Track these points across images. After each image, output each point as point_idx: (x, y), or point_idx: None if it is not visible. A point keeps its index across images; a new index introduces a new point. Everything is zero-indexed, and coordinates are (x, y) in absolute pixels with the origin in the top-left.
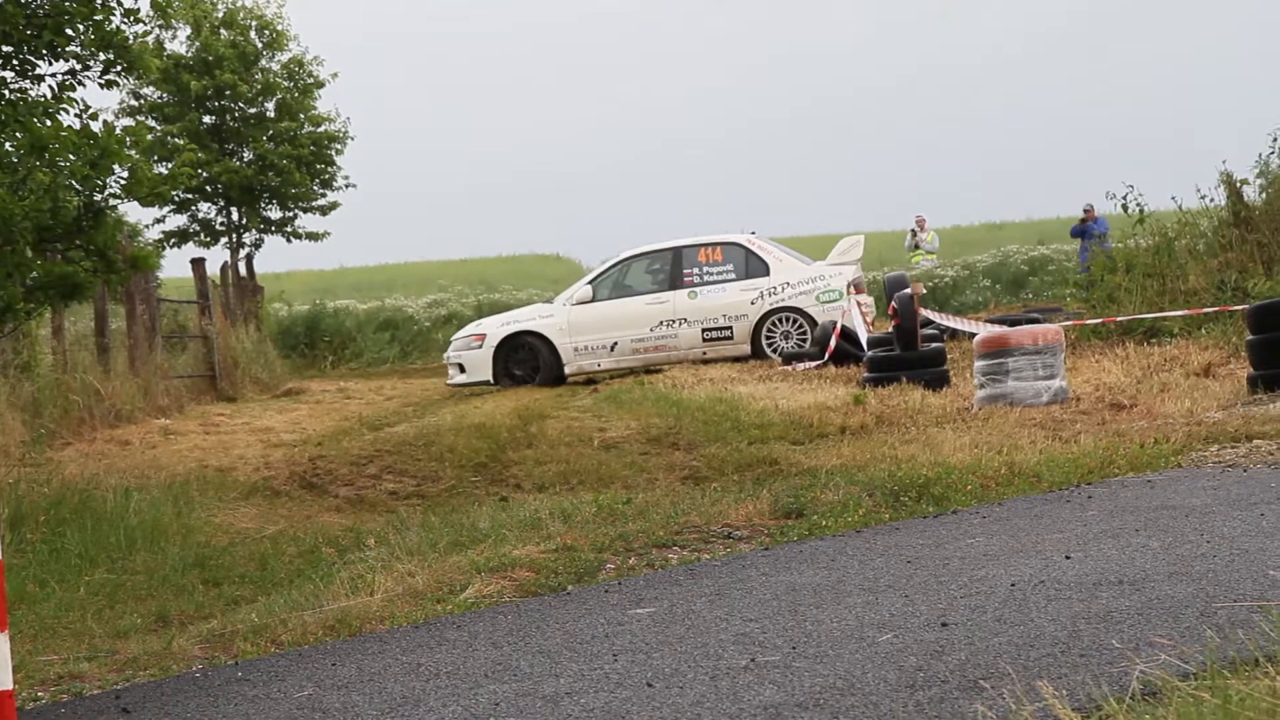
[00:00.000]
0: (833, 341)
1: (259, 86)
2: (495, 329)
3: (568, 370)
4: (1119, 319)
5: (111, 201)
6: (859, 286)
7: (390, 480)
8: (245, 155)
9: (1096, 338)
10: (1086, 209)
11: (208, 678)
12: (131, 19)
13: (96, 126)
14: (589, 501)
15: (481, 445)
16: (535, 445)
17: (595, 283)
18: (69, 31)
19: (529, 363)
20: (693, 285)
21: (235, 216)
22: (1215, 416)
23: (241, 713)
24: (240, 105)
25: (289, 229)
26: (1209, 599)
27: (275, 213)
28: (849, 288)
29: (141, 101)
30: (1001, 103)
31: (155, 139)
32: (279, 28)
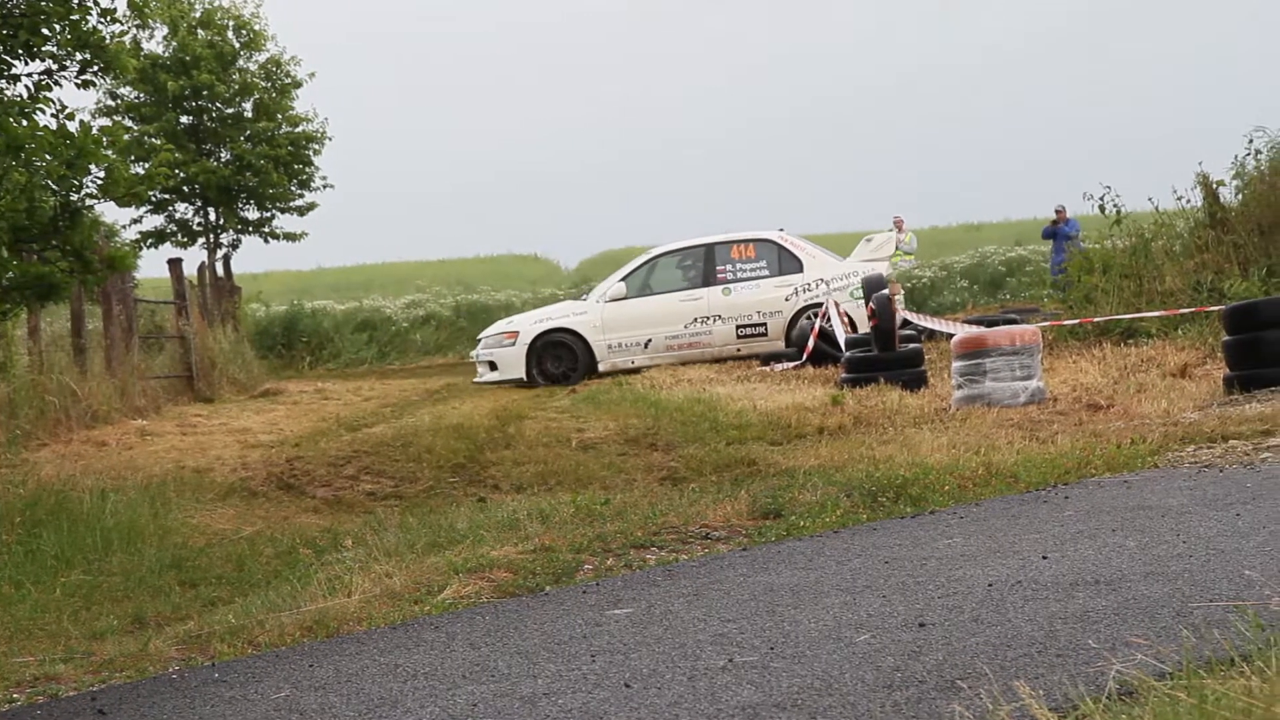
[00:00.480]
0: (811, 342)
1: (236, 86)
2: (528, 326)
3: (602, 368)
4: (1096, 320)
5: (88, 202)
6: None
7: (368, 481)
8: (222, 155)
9: (1074, 338)
10: (1058, 210)
11: (184, 679)
12: (108, 19)
13: (73, 126)
14: (567, 502)
15: (459, 446)
16: (513, 446)
17: (628, 279)
18: (45, 31)
19: (564, 360)
20: (726, 282)
21: (212, 217)
22: (1191, 417)
23: (218, 714)
24: (217, 105)
25: (266, 229)
26: (1185, 599)
27: (253, 213)
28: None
29: (118, 101)
30: (981, 106)
31: (132, 139)
32: (256, 27)
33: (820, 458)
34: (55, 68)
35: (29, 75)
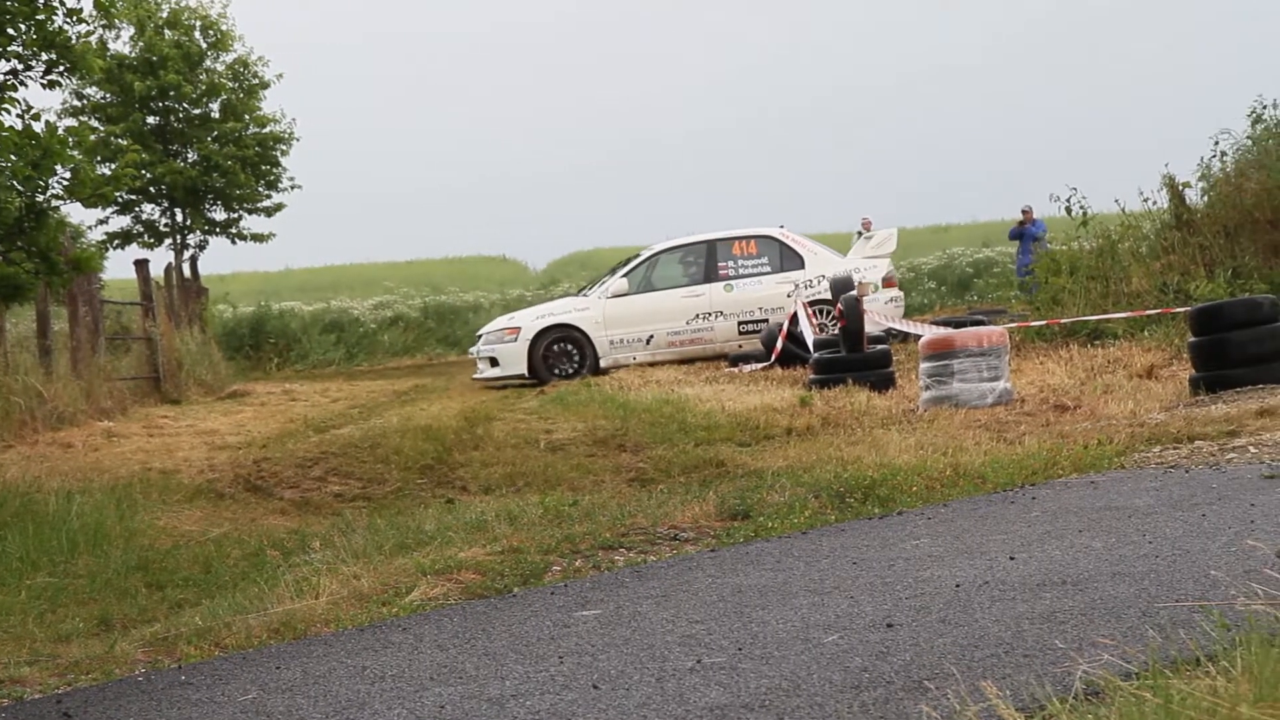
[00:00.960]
0: (779, 343)
1: (203, 87)
2: (530, 322)
3: (604, 363)
4: (1063, 321)
5: (54, 202)
6: (890, 280)
7: (336, 482)
8: (189, 156)
9: (1041, 339)
10: (1025, 210)
11: (150, 681)
12: (74, 19)
13: (39, 127)
14: (535, 503)
15: (428, 447)
16: (482, 447)
17: (630, 275)
18: (10, 31)
19: (566, 356)
20: (728, 278)
21: (179, 218)
22: (1158, 418)
23: (185, 716)
24: (184, 106)
25: (234, 230)
26: (1151, 599)
27: (220, 214)
28: (882, 281)
29: (84, 102)
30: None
31: (98, 139)
32: (223, 28)
33: (788, 459)
34: (20, 68)
35: None
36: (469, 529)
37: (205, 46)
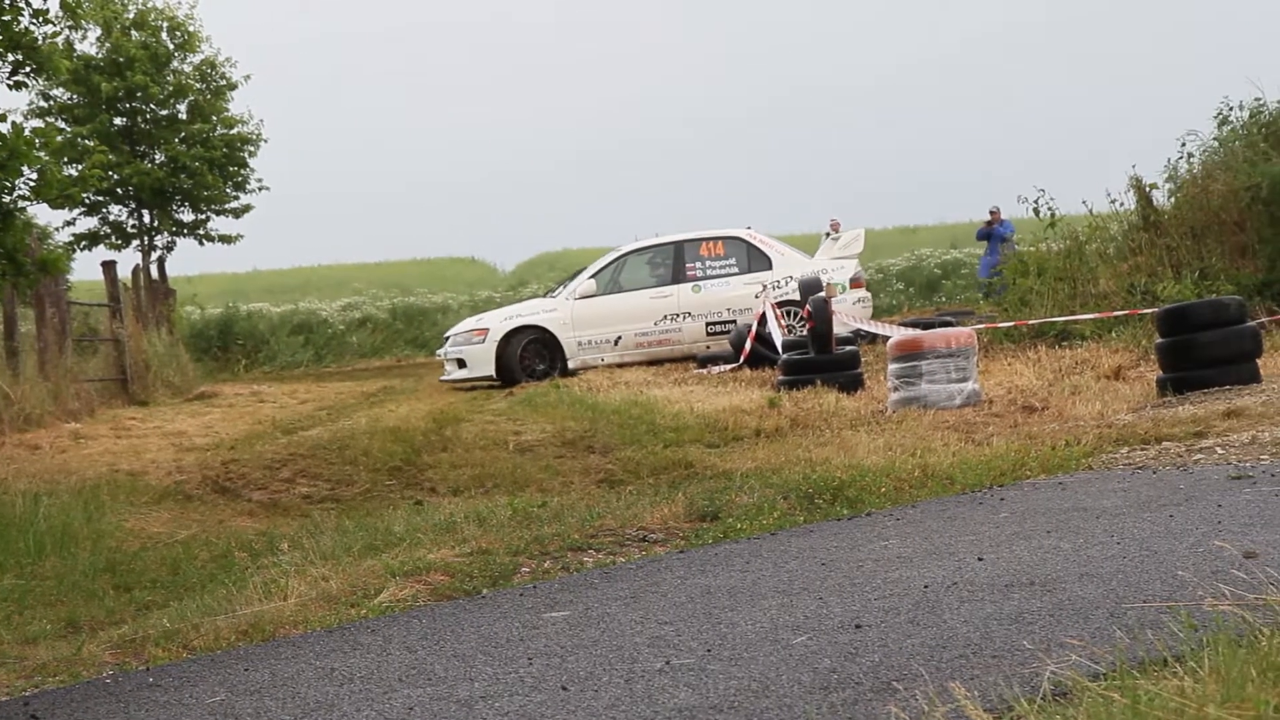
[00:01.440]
0: (748, 344)
1: (171, 88)
2: (498, 324)
3: (572, 365)
4: (1031, 322)
5: (20, 204)
6: (858, 281)
7: (304, 484)
8: (157, 157)
9: (1009, 341)
10: (992, 211)
11: (118, 683)
12: (41, 19)
13: (5, 128)
14: (504, 505)
15: (396, 449)
16: (450, 449)
17: (597, 276)
18: None
19: (534, 357)
20: (696, 279)
21: (147, 219)
22: (1125, 419)
23: (153, 718)
24: (152, 107)
25: (201, 232)
26: (1119, 600)
27: (187, 215)
28: (850, 282)
29: (51, 103)
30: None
31: (65, 141)
32: (191, 29)
33: (757, 460)
34: None
35: None
36: (438, 530)
37: (172, 47)
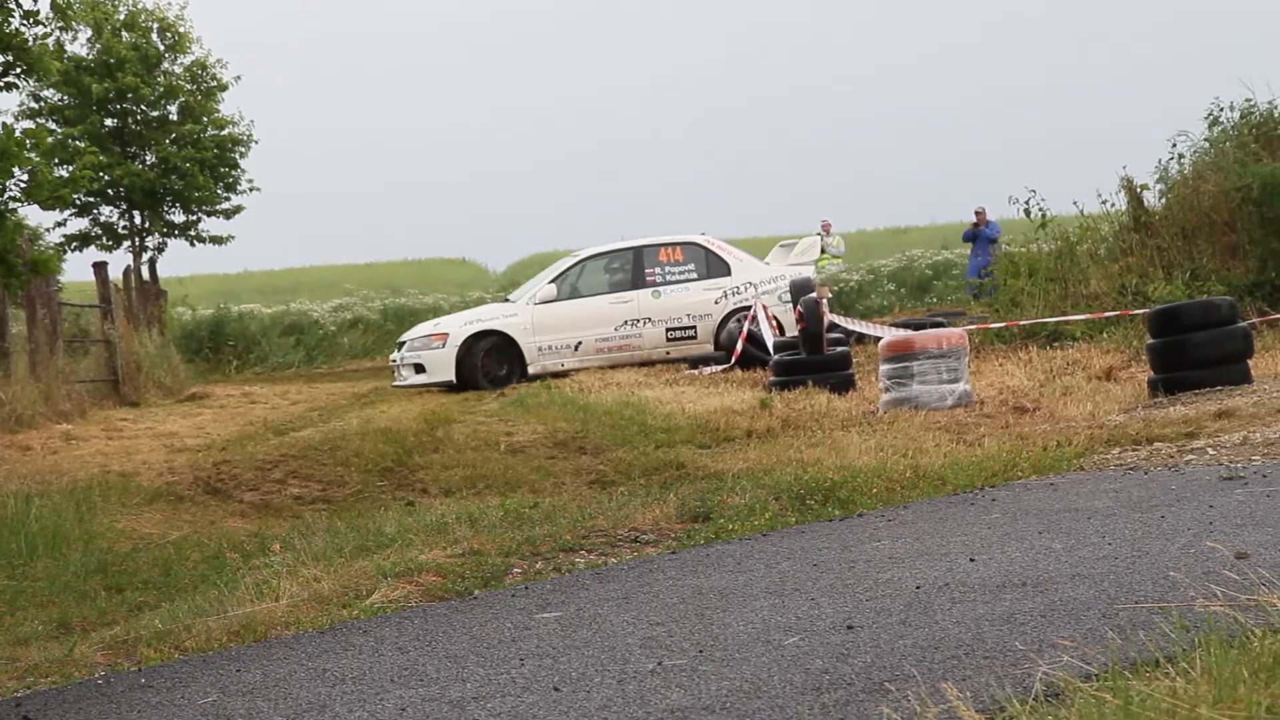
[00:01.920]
0: (739, 345)
1: (161, 89)
2: (458, 328)
3: (532, 370)
4: (1022, 323)
5: (11, 205)
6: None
7: (296, 485)
8: (148, 158)
9: (1000, 341)
10: (978, 212)
11: (110, 684)
12: (31, 21)
13: None
14: (496, 506)
15: (388, 450)
16: (442, 449)
17: (558, 281)
18: None
19: (494, 363)
20: (655, 284)
21: (138, 220)
22: (1116, 419)
23: (145, 719)
24: (142, 108)
25: (192, 233)
26: (1110, 600)
27: (178, 216)
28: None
29: (42, 104)
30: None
31: (56, 142)
32: (181, 30)
33: (749, 461)
34: None
35: None
36: (429, 531)
37: (163, 48)
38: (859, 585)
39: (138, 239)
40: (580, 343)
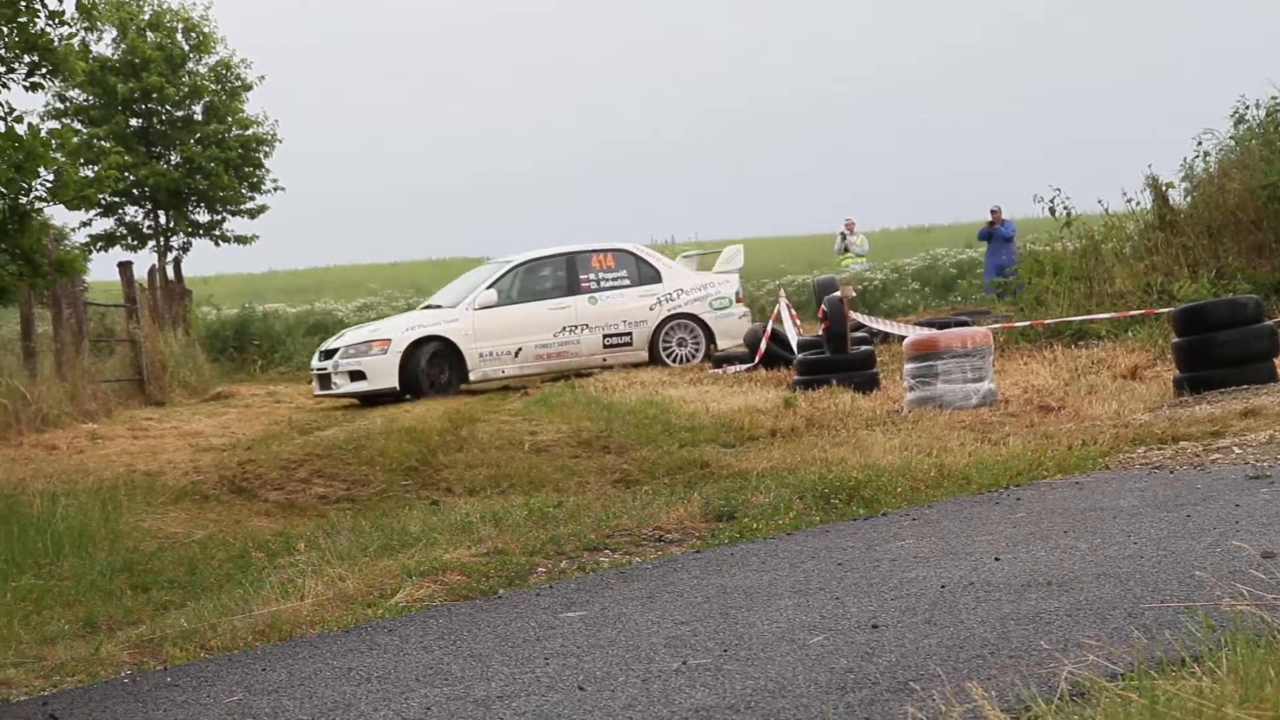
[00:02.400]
0: (763, 344)
1: (186, 89)
2: (400, 334)
3: (473, 376)
4: (1047, 321)
5: (37, 205)
6: (739, 296)
7: (320, 484)
8: (172, 158)
9: (1025, 340)
10: (994, 211)
11: (136, 683)
12: (57, 21)
13: (21, 129)
14: (520, 505)
15: (412, 449)
16: (466, 449)
17: (496, 286)
18: None
19: (436, 369)
20: (590, 291)
21: (163, 220)
22: (1142, 418)
23: (170, 718)
24: (167, 108)
25: (217, 232)
26: (1136, 600)
27: (203, 216)
28: (735, 296)
29: (67, 104)
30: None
31: (81, 142)
32: (206, 30)
33: (773, 460)
34: (3, 70)
35: None
36: (454, 530)
37: (188, 49)
38: (884, 584)
39: (162, 239)
40: (520, 349)
